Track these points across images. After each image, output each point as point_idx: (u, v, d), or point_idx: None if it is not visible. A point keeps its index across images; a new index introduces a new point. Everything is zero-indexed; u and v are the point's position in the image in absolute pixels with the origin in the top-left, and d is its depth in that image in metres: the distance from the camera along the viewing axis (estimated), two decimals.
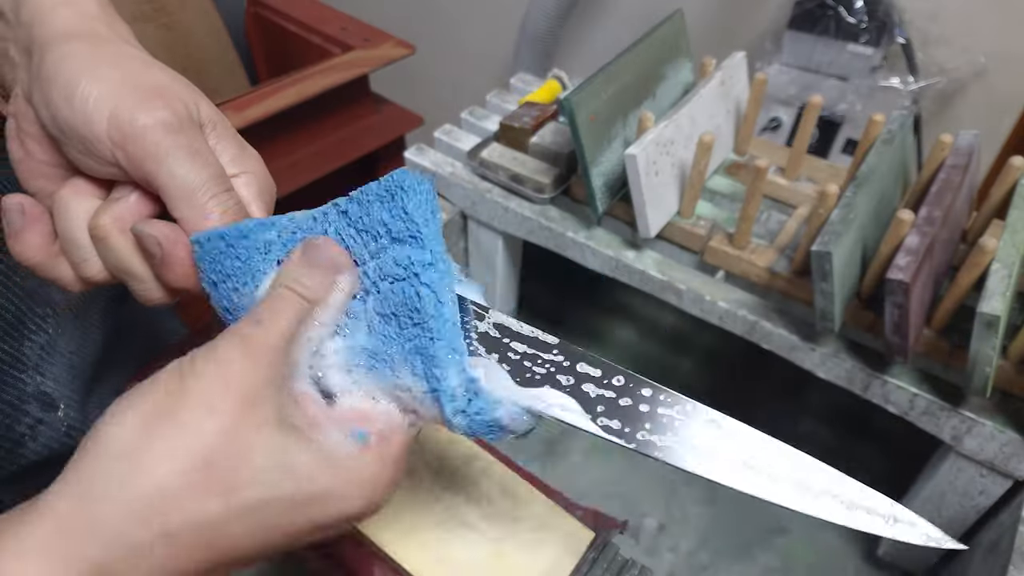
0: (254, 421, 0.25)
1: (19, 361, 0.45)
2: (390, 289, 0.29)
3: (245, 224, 0.31)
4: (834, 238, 0.49)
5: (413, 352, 0.28)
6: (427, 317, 0.28)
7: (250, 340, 0.27)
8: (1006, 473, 0.53)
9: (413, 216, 0.29)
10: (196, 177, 0.31)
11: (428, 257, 0.29)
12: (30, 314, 0.46)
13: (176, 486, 0.24)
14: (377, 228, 0.30)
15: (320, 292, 0.29)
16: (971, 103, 1.07)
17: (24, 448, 0.46)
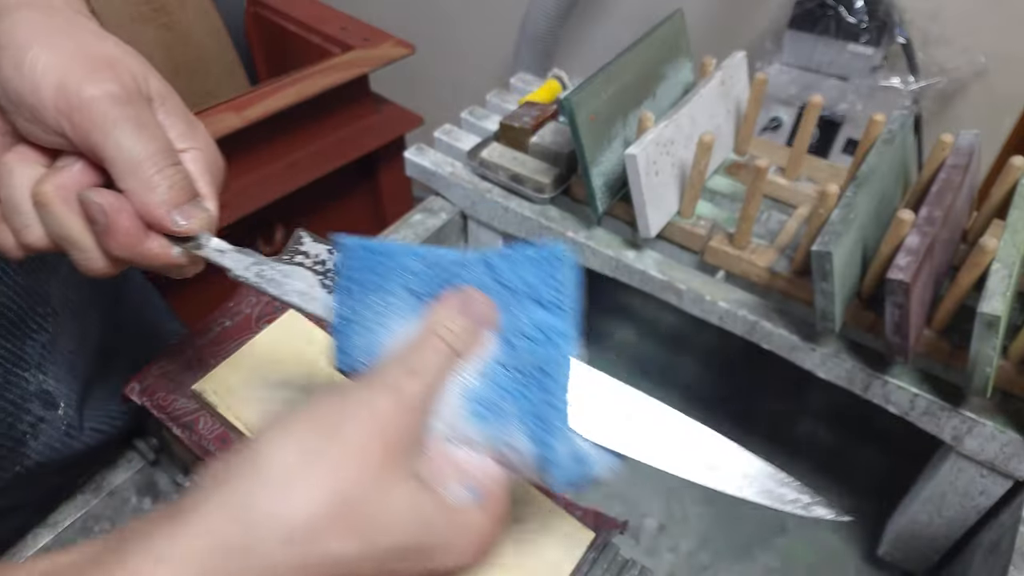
0: (396, 471, 0.26)
1: (21, 360, 0.45)
2: (523, 348, 0.30)
3: (394, 244, 0.32)
4: (834, 238, 0.49)
5: (530, 414, 0.29)
6: (553, 384, 0.29)
7: (403, 392, 0.27)
8: (1007, 473, 0.53)
9: (564, 286, 0.30)
10: (143, 150, 0.31)
11: (568, 329, 0.30)
12: (31, 313, 0.46)
13: (321, 521, 0.25)
14: (522, 287, 0.30)
15: (468, 346, 0.30)
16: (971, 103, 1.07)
17: (26, 447, 0.46)
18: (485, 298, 0.30)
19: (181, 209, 0.33)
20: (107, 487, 0.52)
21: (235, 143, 0.90)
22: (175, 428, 0.46)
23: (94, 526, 0.52)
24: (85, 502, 0.51)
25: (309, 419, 0.26)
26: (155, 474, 0.55)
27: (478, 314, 0.30)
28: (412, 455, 0.27)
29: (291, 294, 0.33)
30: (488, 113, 0.81)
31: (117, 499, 0.53)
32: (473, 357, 0.30)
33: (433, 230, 0.73)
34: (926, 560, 0.63)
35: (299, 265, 0.33)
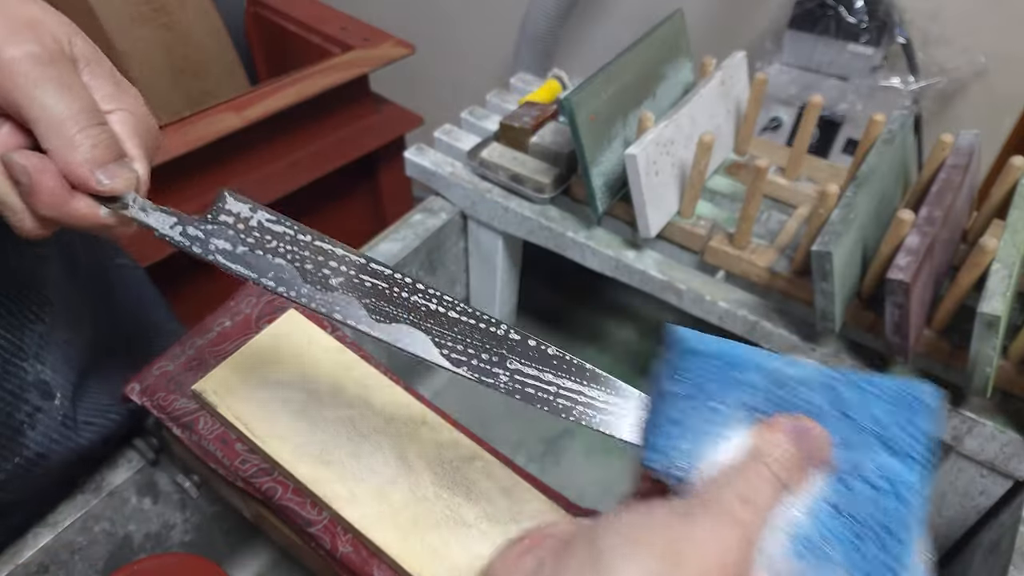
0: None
1: (20, 350, 0.46)
2: (862, 494, 0.27)
3: (734, 348, 0.29)
4: (834, 238, 0.49)
5: (861, 571, 0.26)
6: (894, 544, 0.26)
7: (746, 525, 0.25)
8: (1006, 473, 0.53)
9: (923, 437, 0.27)
10: (65, 108, 0.31)
11: (919, 483, 0.26)
12: (28, 302, 0.46)
13: None
14: (871, 425, 0.27)
15: (795, 479, 0.27)
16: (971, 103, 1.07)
17: (24, 437, 0.46)
18: (823, 433, 0.27)
19: (105, 168, 0.33)
20: (107, 487, 0.52)
21: (235, 143, 0.90)
22: (175, 428, 0.46)
23: (94, 526, 0.52)
24: (85, 502, 0.51)
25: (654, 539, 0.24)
26: (155, 474, 0.55)
27: (811, 448, 0.27)
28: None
29: (215, 253, 0.33)
30: (488, 113, 0.81)
31: (117, 499, 0.53)
32: (801, 492, 0.27)
33: (433, 230, 0.73)
34: None
35: (222, 224, 0.33)
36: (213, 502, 0.60)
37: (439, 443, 0.45)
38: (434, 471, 0.43)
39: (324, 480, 0.42)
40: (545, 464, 0.73)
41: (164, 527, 0.58)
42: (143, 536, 0.56)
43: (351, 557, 0.41)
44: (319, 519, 0.42)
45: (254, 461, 0.45)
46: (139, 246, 0.86)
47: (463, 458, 0.44)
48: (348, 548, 0.42)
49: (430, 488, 0.43)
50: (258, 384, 0.46)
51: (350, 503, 0.41)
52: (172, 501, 0.57)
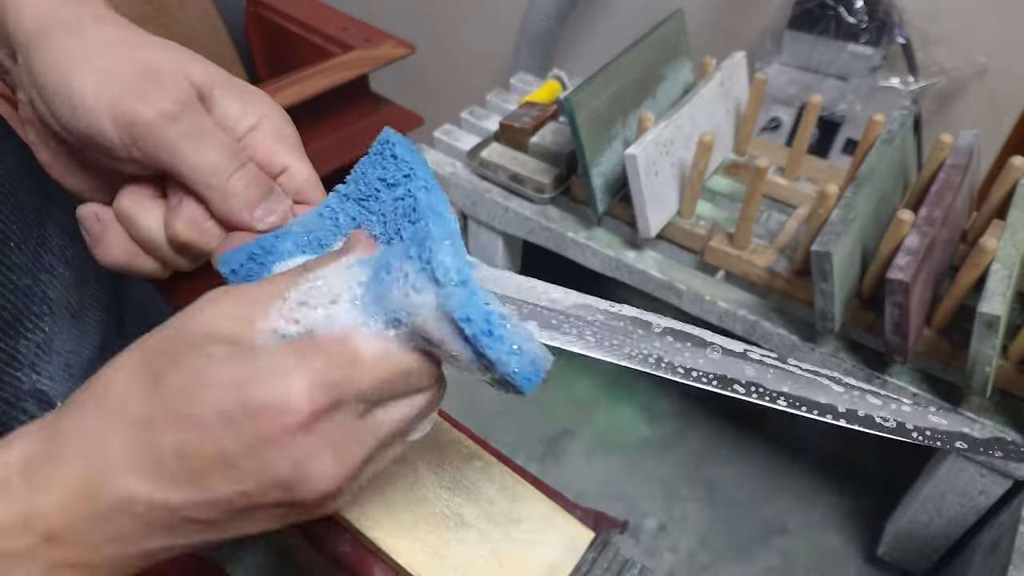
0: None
1: (14, 359, 0.45)
2: (394, 213, 0.31)
3: (265, 239, 0.33)
4: (834, 238, 0.49)
5: (410, 246, 0.29)
6: (423, 214, 0.30)
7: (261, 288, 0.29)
8: (1006, 473, 0.53)
9: (403, 158, 0.31)
10: (206, 163, 0.32)
11: (423, 183, 0.31)
12: (27, 312, 0.46)
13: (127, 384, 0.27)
14: (376, 187, 0.32)
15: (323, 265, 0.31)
16: (971, 103, 1.07)
17: None
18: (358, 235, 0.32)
19: (262, 206, 0.34)
20: None
21: None
22: None
23: None
24: None
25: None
26: None
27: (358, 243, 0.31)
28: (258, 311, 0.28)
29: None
30: (488, 113, 0.81)
31: None
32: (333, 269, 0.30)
33: None
34: (926, 560, 0.63)
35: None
36: None
37: (439, 443, 0.45)
38: (434, 471, 0.43)
39: None
40: (545, 464, 0.73)
41: None
42: None
43: (351, 557, 0.41)
44: (319, 519, 0.43)
45: None
46: None
47: (463, 458, 0.44)
48: (348, 548, 0.42)
49: (430, 488, 0.43)
50: None
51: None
52: None
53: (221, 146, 0.33)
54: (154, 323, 0.30)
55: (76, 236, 0.52)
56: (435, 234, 0.28)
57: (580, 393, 0.79)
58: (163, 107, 0.31)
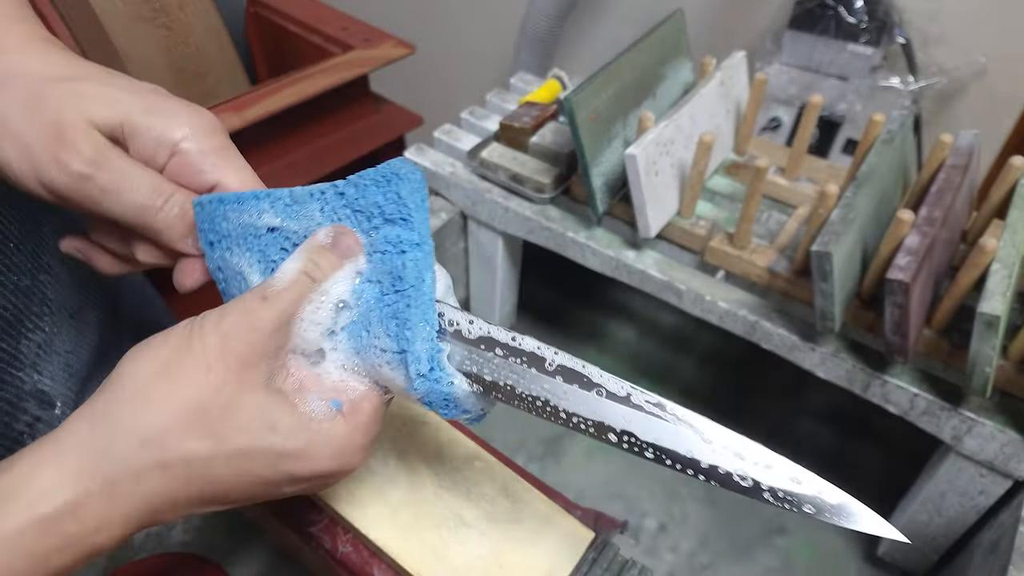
0: (245, 382, 0.29)
1: (16, 359, 0.45)
2: (380, 260, 0.33)
3: (243, 193, 0.34)
4: (834, 238, 0.49)
5: (390, 316, 0.32)
6: (407, 286, 0.32)
7: (254, 315, 0.30)
8: (1006, 473, 0.53)
9: (406, 201, 0.33)
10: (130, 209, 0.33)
11: (415, 238, 0.32)
12: (27, 312, 0.46)
13: (174, 426, 0.28)
14: (372, 209, 0.33)
15: (322, 272, 0.32)
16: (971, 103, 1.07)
17: (23, 446, 0.46)
18: (351, 232, 0.33)
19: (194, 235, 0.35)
20: None
21: (235, 143, 0.90)
22: None
23: None
24: None
25: (165, 339, 0.29)
26: None
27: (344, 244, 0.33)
28: (267, 371, 0.30)
29: None
30: (488, 113, 0.81)
31: None
32: (333, 282, 0.32)
33: (433, 230, 0.73)
34: (926, 560, 0.63)
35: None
36: None
37: (439, 443, 0.45)
38: (434, 471, 0.43)
39: None
40: (545, 464, 0.73)
41: (164, 527, 0.58)
42: (143, 536, 0.56)
43: (351, 557, 0.41)
44: (319, 519, 0.43)
45: None
46: None
47: (463, 458, 0.44)
48: (348, 548, 0.42)
49: (430, 488, 0.43)
50: None
51: (350, 503, 0.41)
52: None
53: (142, 187, 0.33)
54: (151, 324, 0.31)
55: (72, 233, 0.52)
56: (414, 320, 0.32)
57: None
58: (76, 170, 0.32)
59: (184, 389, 0.28)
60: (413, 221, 0.33)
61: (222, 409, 0.28)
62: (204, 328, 0.29)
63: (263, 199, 0.34)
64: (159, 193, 0.34)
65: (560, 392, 0.32)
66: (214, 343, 0.29)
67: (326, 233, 0.33)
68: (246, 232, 0.34)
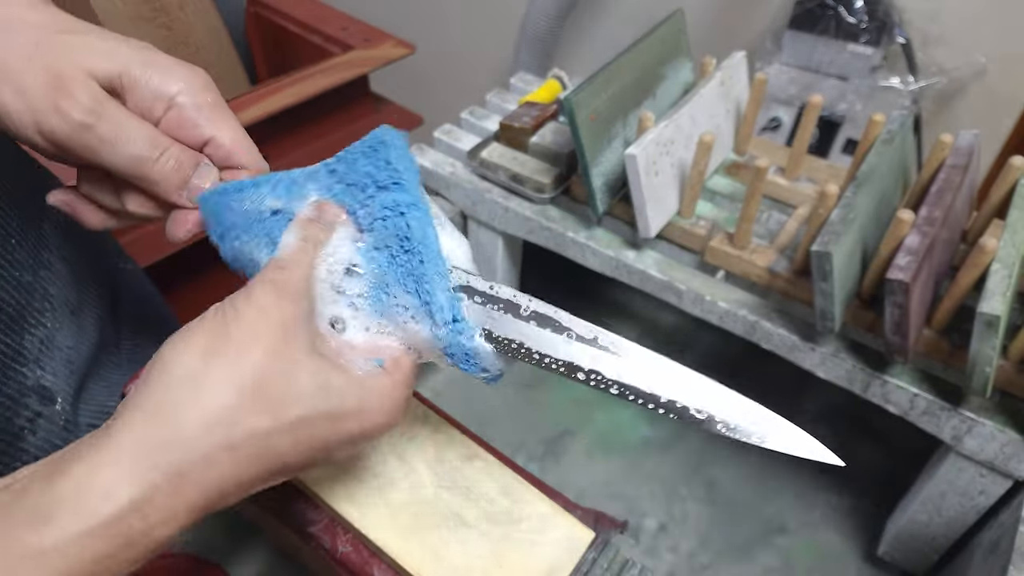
0: (293, 349, 0.29)
1: (20, 355, 0.45)
2: (382, 226, 0.34)
3: (242, 182, 0.35)
4: (834, 238, 0.49)
5: (405, 275, 0.33)
6: (416, 244, 0.33)
7: (278, 282, 0.31)
8: (1006, 473, 0.53)
9: (396, 166, 0.34)
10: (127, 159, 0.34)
11: (410, 199, 0.34)
12: (29, 308, 0.46)
13: (235, 403, 0.28)
14: (364, 180, 0.34)
15: (323, 235, 0.34)
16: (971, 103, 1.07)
17: (24, 442, 0.46)
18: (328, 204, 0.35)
19: (189, 185, 0.36)
20: None
21: None
22: None
23: None
24: None
25: (202, 326, 0.29)
26: None
27: (328, 215, 0.34)
28: (307, 336, 0.30)
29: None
30: (488, 113, 0.81)
31: None
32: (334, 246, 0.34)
33: None
34: (926, 560, 0.63)
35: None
36: None
37: (439, 443, 0.45)
38: (434, 471, 0.43)
39: (324, 480, 0.42)
40: (545, 464, 0.73)
41: None
42: None
43: (351, 557, 0.41)
44: (319, 519, 0.43)
45: None
46: (139, 247, 0.86)
47: (463, 458, 0.44)
48: (348, 548, 0.42)
49: (430, 488, 0.43)
50: None
51: (350, 503, 0.41)
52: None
53: (139, 139, 0.34)
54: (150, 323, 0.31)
55: (71, 235, 0.52)
56: (430, 274, 0.33)
57: (580, 393, 0.79)
58: (76, 119, 0.32)
59: (237, 366, 0.28)
60: (405, 184, 0.34)
61: (278, 380, 0.28)
62: (237, 307, 0.30)
63: (262, 184, 0.35)
64: (156, 145, 0.34)
65: (534, 335, 0.34)
66: (253, 317, 0.29)
67: (309, 208, 0.35)
68: (251, 218, 0.35)
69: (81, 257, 0.53)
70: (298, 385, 0.29)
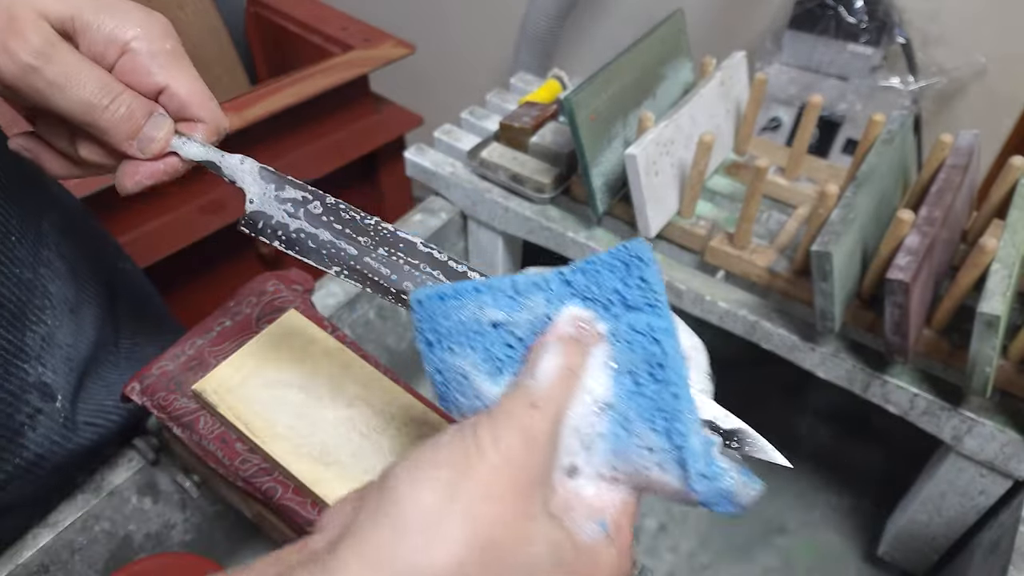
0: (531, 508, 0.26)
1: (22, 351, 0.45)
2: (627, 350, 0.30)
3: (460, 285, 0.31)
4: (834, 238, 0.49)
5: (653, 409, 0.29)
6: (670, 375, 0.29)
7: (530, 431, 0.27)
8: (1006, 473, 0.53)
9: (653, 286, 0.30)
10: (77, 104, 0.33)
11: (666, 324, 0.29)
12: (30, 305, 0.46)
13: (463, 561, 0.24)
14: (609, 297, 0.30)
15: (580, 369, 0.29)
16: (971, 103, 1.07)
17: (24, 438, 0.46)
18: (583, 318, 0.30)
19: (141, 135, 0.35)
20: (107, 487, 0.52)
21: (235, 143, 0.90)
22: (175, 428, 0.46)
23: (94, 526, 0.52)
24: (85, 502, 0.51)
25: (439, 458, 0.26)
26: (155, 474, 0.55)
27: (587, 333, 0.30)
28: (543, 492, 0.27)
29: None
30: (488, 113, 0.81)
31: (117, 499, 0.53)
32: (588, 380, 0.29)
33: (433, 230, 0.73)
34: (926, 560, 0.63)
35: None
36: (213, 502, 0.60)
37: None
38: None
39: (324, 480, 0.42)
40: None
41: (164, 527, 0.58)
42: (143, 536, 0.56)
43: None
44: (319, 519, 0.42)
45: (254, 461, 0.45)
46: (139, 247, 0.86)
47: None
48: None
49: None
50: (258, 384, 0.46)
51: None
52: (172, 501, 0.57)
53: (89, 84, 0.33)
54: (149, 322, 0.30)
55: (69, 234, 0.52)
56: (684, 411, 0.28)
57: None
58: (24, 60, 0.31)
59: (476, 521, 0.25)
60: (661, 306, 0.30)
61: (512, 543, 0.25)
62: (482, 446, 0.26)
63: (484, 292, 0.31)
64: (107, 91, 0.33)
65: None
66: (498, 464, 0.25)
67: (568, 322, 0.30)
68: (467, 329, 0.31)
69: (79, 256, 0.53)
70: (531, 552, 0.26)
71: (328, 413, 0.45)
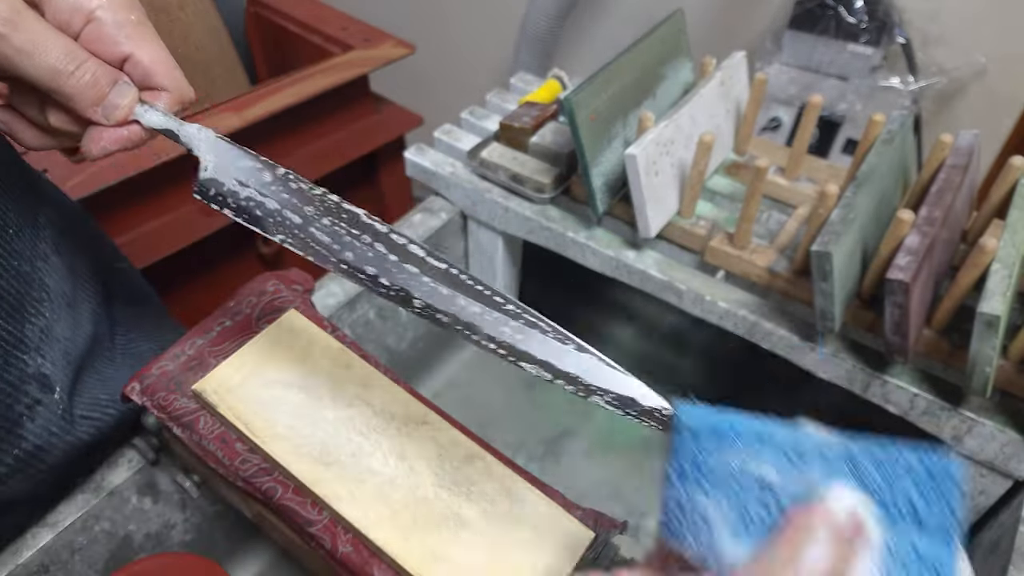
0: None
1: (21, 342, 0.46)
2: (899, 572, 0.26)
3: (741, 423, 0.29)
4: (834, 238, 0.49)
5: None
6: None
7: None
8: (1006, 473, 0.53)
9: (956, 514, 0.26)
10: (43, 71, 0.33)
11: (952, 559, 0.26)
12: (28, 297, 0.46)
13: None
14: (901, 508, 0.26)
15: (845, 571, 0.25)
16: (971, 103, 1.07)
17: (22, 428, 0.46)
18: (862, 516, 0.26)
19: (105, 102, 0.35)
20: (107, 487, 0.52)
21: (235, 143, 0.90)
22: (175, 428, 0.46)
23: (94, 526, 0.52)
24: (85, 502, 0.51)
25: None
26: (155, 474, 0.55)
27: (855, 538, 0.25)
28: None
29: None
30: (488, 113, 0.81)
31: (117, 499, 0.53)
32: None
33: (433, 230, 0.73)
34: None
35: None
36: (213, 502, 0.60)
37: (439, 443, 0.45)
38: (434, 471, 0.43)
39: (324, 480, 0.42)
40: (545, 464, 0.73)
41: (164, 527, 0.58)
42: (143, 536, 0.56)
43: (351, 557, 0.41)
44: (319, 519, 0.43)
45: (254, 461, 0.45)
46: (137, 248, 0.86)
47: (463, 458, 0.44)
48: (348, 548, 0.42)
49: (430, 488, 0.43)
50: (258, 384, 0.46)
51: (350, 503, 0.41)
52: (172, 501, 0.57)
53: (55, 50, 0.33)
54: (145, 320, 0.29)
55: (67, 234, 0.52)
56: None
57: None
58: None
59: None
60: (955, 542, 0.26)
61: None
62: None
63: (765, 444, 0.28)
64: (72, 58, 0.34)
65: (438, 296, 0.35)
66: None
67: (847, 511, 0.25)
68: (732, 476, 0.28)
69: (76, 255, 0.53)
70: None
71: (328, 413, 0.45)
